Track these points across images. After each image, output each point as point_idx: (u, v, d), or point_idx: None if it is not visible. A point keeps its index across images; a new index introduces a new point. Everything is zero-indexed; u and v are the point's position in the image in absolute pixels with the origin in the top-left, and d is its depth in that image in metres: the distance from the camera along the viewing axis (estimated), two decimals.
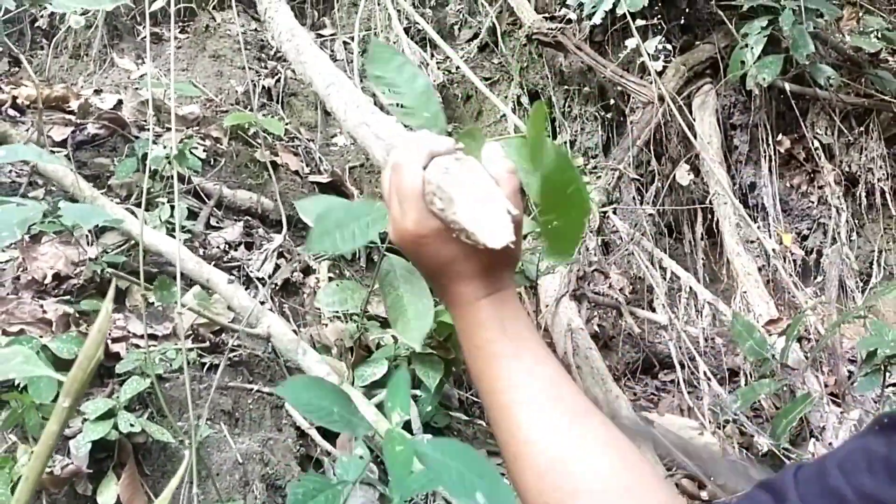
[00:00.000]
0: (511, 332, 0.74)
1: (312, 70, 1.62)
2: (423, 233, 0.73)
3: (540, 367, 0.73)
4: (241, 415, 1.81)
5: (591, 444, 0.69)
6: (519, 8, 3.73)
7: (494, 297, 0.75)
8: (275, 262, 2.35)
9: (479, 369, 0.74)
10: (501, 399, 0.72)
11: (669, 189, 3.24)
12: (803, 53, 2.97)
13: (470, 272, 0.74)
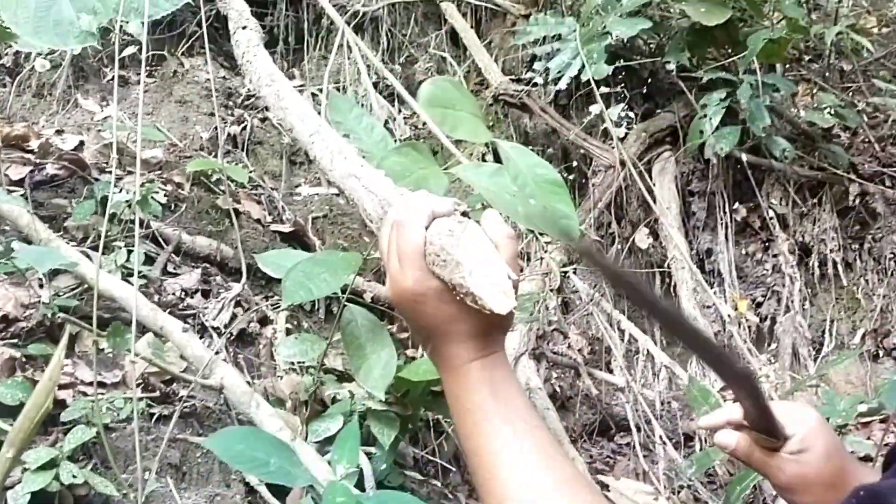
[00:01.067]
0: (502, 396, 0.74)
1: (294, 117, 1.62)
2: (422, 291, 0.74)
3: (530, 433, 0.73)
4: (189, 469, 1.75)
5: (578, 497, 0.69)
6: (487, 69, 3.80)
7: (486, 360, 0.75)
8: (232, 311, 2.31)
9: (467, 431, 0.74)
10: (489, 462, 0.72)
11: (629, 252, 3.28)
12: (760, 126, 3.06)
13: (465, 333, 0.74)
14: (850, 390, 2.82)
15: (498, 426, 0.73)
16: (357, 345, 1.97)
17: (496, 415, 0.73)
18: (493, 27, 4.40)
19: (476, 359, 0.75)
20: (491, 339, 0.76)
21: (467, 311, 0.73)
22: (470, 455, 0.75)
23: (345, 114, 1.80)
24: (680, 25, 3.35)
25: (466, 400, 0.74)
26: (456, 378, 0.75)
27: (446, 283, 0.73)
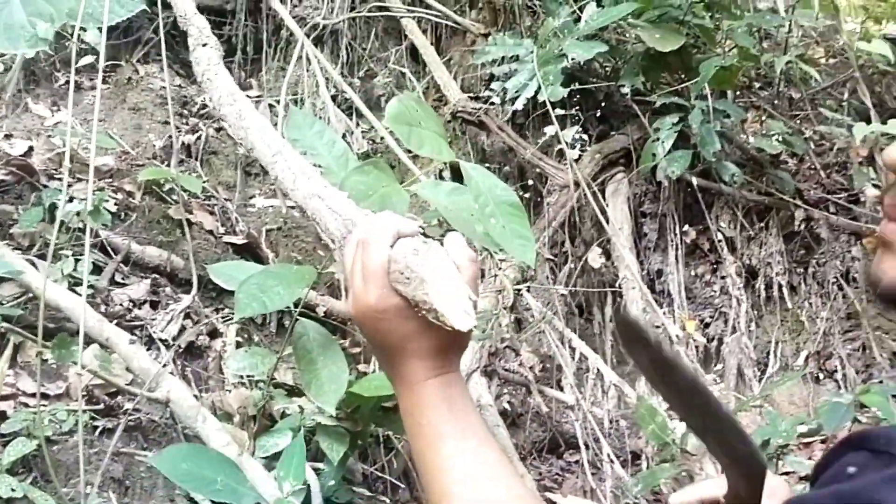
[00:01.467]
0: (456, 414, 0.75)
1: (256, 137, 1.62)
2: (384, 308, 0.75)
3: (483, 449, 0.74)
4: (133, 483, 1.72)
5: None
6: (446, 86, 3.83)
7: (443, 378, 0.76)
8: (181, 323, 2.28)
9: (421, 447, 0.76)
10: (443, 478, 0.73)
11: (581, 270, 3.32)
12: (710, 151, 3.13)
13: (423, 351, 0.76)
14: (792, 411, 2.89)
15: (452, 443, 0.74)
16: (309, 359, 1.95)
17: (451, 432, 0.75)
18: (452, 44, 4.43)
19: (433, 377, 0.77)
20: (448, 359, 0.78)
21: (427, 330, 0.75)
22: (424, 471, 0.76)
23: (304, 130, 1.80)
24: (635, 50, 3.42)
25: (422, 416, 0.76)
26: (412, 395, 0.77)
27: (408, 301, 0.75)
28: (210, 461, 1.26)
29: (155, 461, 1.23)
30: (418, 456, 0.77)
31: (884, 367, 3.01)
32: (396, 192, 1.63)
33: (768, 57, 3.48)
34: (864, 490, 0.53)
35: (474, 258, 0.78)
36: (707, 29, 3.42)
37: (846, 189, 3.40)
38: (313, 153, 1.84)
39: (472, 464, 0.74)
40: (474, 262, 0.78)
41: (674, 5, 3.33)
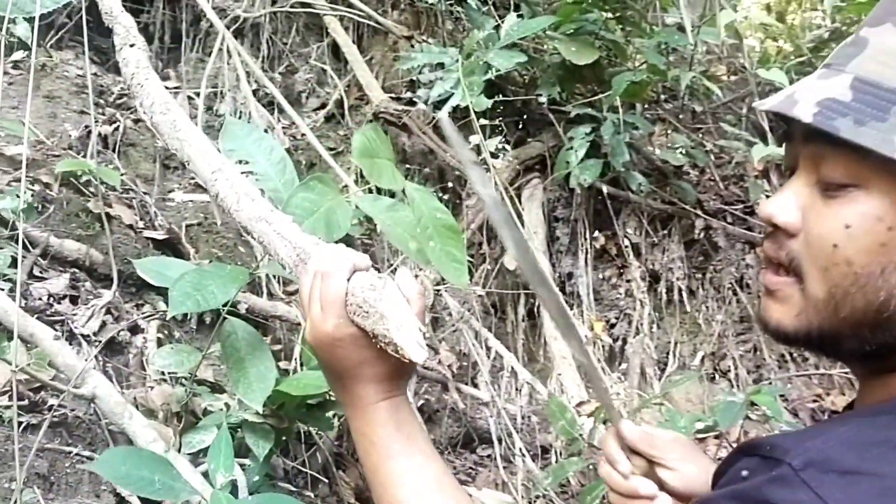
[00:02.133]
0: (405, 432, 0.83)
1: (193, 151, 1.63)
2: (341, 336, 0.82)
3: (429, 464, 0.83)
4: (58, 479, 1.72)
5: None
6: (368, 86, 3.87)
7: (392, 401, 0.84)
8: (102, 318, 2.26)
9: (373, 463, 0.83)
10: (394, 491, 0.81)
11: (497, 272, 3.44)
12: (620, 161, 3.30)
13: (375, 376, 0.83)
14: (689, 408, 3.09)
15: (402, 460, 0.82)
16: (237, 358, 1.99)
17: (400, 450, 0.83)
18: (374, 43, 4.47)
19: (383, 399, 0.84)
20: (397, 384, 0.86)
21: (379, 357, 0.82)
22: (376, 485, 0.84)
23: (241, 139, 1.83)
24: (552, 61, 3.55)
25: (373, 435, 0.83)
26: (364, 416, 0.84)
27: (363, 331, 0.82)
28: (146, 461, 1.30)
29: (95, 467, 1.25)
30: (371, 472, 0.84)
31: (773, 368, 3.26)
32: (340, 206, 1.70)
33: (675, 73, 3.68)
34: (754, 489, 0.60)
35: (422, 292, 0.85)
36: (619, 44, 3.59)
37: (742, 201, 3.65)
38: (252, 161, 1.88)
39: (420, 478, 0.82)
40: (422, 296, 0.84)
41: (589, 20, 3.48)
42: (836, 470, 0.56)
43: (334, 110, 4.10)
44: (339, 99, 4.12)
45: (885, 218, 0.63)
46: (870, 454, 0.57)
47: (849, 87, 0.65)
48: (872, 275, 0.64)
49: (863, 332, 0.67)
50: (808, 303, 0.69)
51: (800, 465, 0.56)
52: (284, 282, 2.99)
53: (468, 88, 2.78)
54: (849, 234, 0.65)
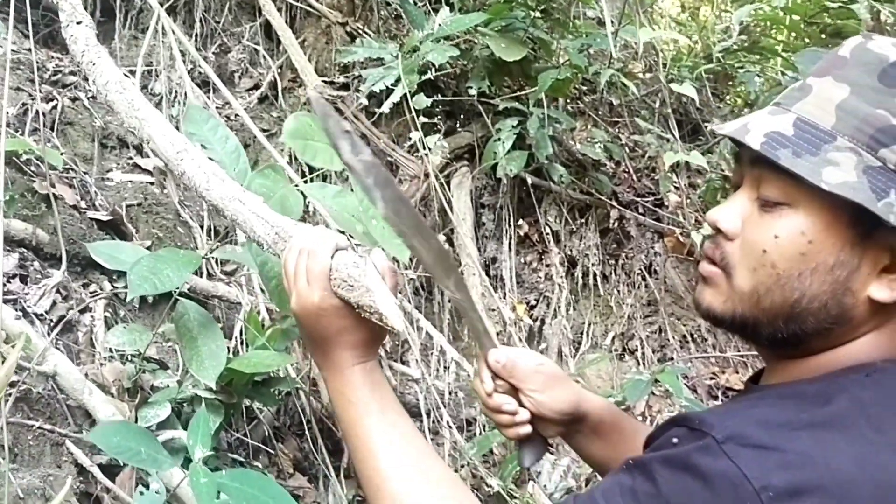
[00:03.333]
0: (378, 393, 0.95)
1: (154, 131, 1.72)
2: (325, 307, 0.92)
3: (401, 420, 0.95)
4: (21, 451, 1.82)
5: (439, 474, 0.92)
6: (303, 70, 3.96)
7: (367, 365, 0.96)
8: (52, 297, 2.34)
9: (351, 419, 0.93)
10: (370, 444, 0.92)
11: None
12: (543, 153, 3.53)
13: (353, 342, 0.94)
14: (601, 385, 3.36)
15: (376, 415, 0.93)
16: (189, 337, 2.11)
17: (375, 408, 0.93)
18: (306, 26, 4.54)
19: (359, 363, 0.95)
20: (371, 349, 0.97)
21: (356, 325, 0.93)
22: (352, 439, 0.94)
23: (200, 125, 1.95)
24: (482, 55, 3.74)
25: (351, 395, 0.93)
26: (342, 378, 0.94)
27: (346, 302, 0.92)
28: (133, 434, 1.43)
29: (91, 437, 1.38)
30: (348, 428, 0.94)
31: (675, 348, 3.57)
32: (292, 194, 1.84)
33: (595, 69, 3.92)
34: (683, 454, 0.72)
35: (394, 269, 0.96)
36: (546, 42, 3.80)
37: (653, 193, 3.94)
38: (209, 147, 1.99)
39: (393, 432, 0.92)
40: (395, 273, 0.95)
41: (518, 18, 3.67)
42: (750, 444, 0.70)
43: (268, 92, 4.18)
44: (272, 81, 4.19)
45: (807, 233, 0.78)
46: (776, 433, 0.71)
47: (792, 125, 0.80)
48: (791, 277, 0.80)
49: (777, 322, 0.82)
50: (735, 293, 0.84)
51: (722, 439, 0.70)
52: (222, 262, 3.10)
53: (409, 86, 2.93)
54: (777, 242, 0.80)
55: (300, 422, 2.74)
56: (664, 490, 0.71)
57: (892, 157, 0.77)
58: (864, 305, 0.80)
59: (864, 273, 0.79)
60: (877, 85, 0.78)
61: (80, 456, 1.90)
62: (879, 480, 0.68)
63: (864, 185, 0.76)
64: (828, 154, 0.77)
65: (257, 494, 1.35)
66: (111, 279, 2.63)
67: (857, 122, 0.78)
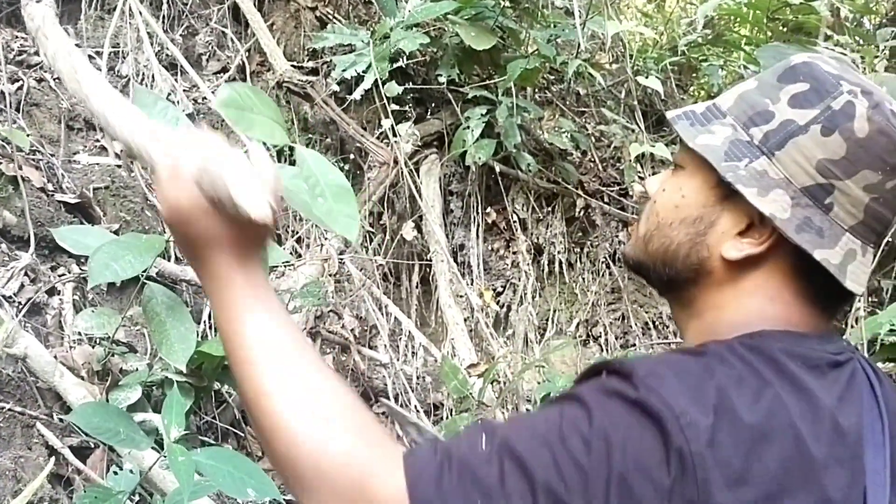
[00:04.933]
0: (263, 295, 0.88)
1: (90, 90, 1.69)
2: (191, 207, 0.85)
3: (286, 321, 0.88)
4: None
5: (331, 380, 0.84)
6: (272, 54, 3.95)
7: (248, 269, 0.88)
8: (21, 280, 2.33)
9: (233, 324, 0.86)
10: (255, 345, 0.84)
11: (393, 241, 3.66)
12: (512, 142, 3.57)
13: (228, 245, 0.87)
14: (564, 369, 3.43)
15: (262, 317, 0.85)
16: (158, 321, 2.12)
17: (258, 310, 0.86)
18: (276, 9, 4.52)
19: (239, 268, 0.87)
20: (250, 254, 0.88)
21: (230, 227, 0.85)
22: (235, 346, 0.85)
23: (150, 107, 1.94)
24: (452, 43, 3.76)
25: (231, 297, 0.86)
26: (220, 283, 0.87)
27: (212, 200, 0.85)
28: (111, 415, 1.44)
29: (72, 418, 1.39)
30: (229, 331, 0.86)
31: (637, 335, 3.65)
32: None
33: (563, 59, 3.97)
34: (608, 385, 0.78)
35: (276, 171, 0.88)
36: (515, 31, 3.84)
37: (618, 183, 4.01)
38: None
39: (278, 332, 0.85)
40: (276, 177, 0.87)
41: (487, 7, 3.70)
42: (666, 378, 0.77)
43: (236, 75, 4.15)
44: (240, 64, 4.17)
45: (683, 189, 0.92)
46: (682, 373, 0.79)
47: (705, 107, 0.94)
48: (665, 225, 0.93)
49: (658, 265, 0.95)
50: (637, 240, 0.98)
51: (643, 374, 0.77)
52: None
53: (381, 74, 2.95)
54: (662, 195, 0.94)
55: None
56: (594, 412, 0.75)
57: (757, 134, 0.88)
58: (718, 261, 0.90)
59: (720, 231, 0.90)
60: (774, 81, 0.90)
61: (52, 438, 1.91)
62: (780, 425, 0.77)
63: (721, 150, 0.88)
64: (711, 126, 0.91)
65: (232, 471, 1.38)
66: (79, 262, 2.62)
67: (745, 106, 0.91)
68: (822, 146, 0.85)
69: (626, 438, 0.73)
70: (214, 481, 1.38)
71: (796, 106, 0.87)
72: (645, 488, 0.72)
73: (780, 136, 0.87)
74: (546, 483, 0.72)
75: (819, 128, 0.85)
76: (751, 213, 0.87)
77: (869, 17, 4.33)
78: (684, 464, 0.72)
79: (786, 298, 0.89)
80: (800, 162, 0.86)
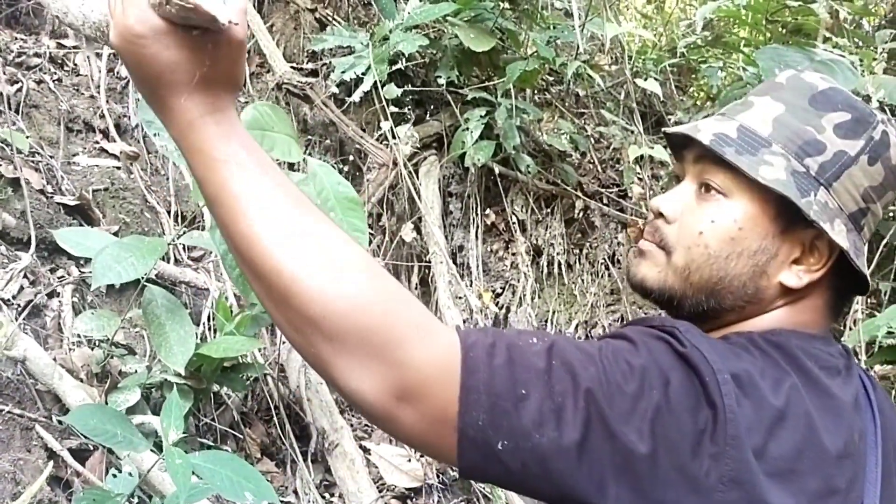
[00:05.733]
0: (251, 148, 0.76)
1: None
2: (143, 32, 0.71)
3: (284, 181, 0.77)
4: None
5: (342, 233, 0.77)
6: (272, 56, 3.95)
7: (222, 115, 0.76)
8: (20, 282, 2.34)
9: (221, 181, 0.75)
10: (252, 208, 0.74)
11: (392, 242, 3.66)
12: (511, 144, 3.58)
13: (189, 84, 0.73)
14: None
15: (257, 174, 0.75)
16: (158, 323, 2.13)
17: (252, 163, 0.75)
18: (275, 10, 4.53)
19: (211, 113, 0.75)
20: (221, 97, 0.76)
21: (193, 59, 0.73)
22: (226, 203, 0.75)
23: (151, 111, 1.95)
24: (452, 45, 3.76)
25: (216, 151, 0.74)
26: (195, 132, 0.75)
27: (172, 23, 0.71)
28: (109, 417, 1.45)
29: (70, 419, 1.40)
30: (218, 190, 0.75)
31: None
32: None
33: (562, 60, 3.97)
34: (653, 331, 0.82)
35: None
36: (514, 33, 3.84)
37: (617, 184, 4.01)
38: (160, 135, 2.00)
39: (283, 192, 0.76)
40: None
41: (487, 9, 3.71)
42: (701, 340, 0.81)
43: None
44: None
45: (738, 220, 0.91)
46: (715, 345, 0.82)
47: (736, 129, 0.93)
48: (720, 257, 0.92)
49: (700, 296, 0.94)
50: (669, 267, 0.95)
51: (684, 330, 0.81)
52: (189, 248, 3.10)
53: (379, 76, 2.96)
54: (713, 226, 0.93)
55: (268, 407, 2.77)
56: (640, 348, 0.79)
57: (813, 166, 0.90)
58: (775, 289, 0.93)
59: (780, 261, 0.92)
60: (807, 106, 0.92)
61: (51, 440, 1.91)
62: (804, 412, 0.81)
63: (792, 184, 0.88)
64: (764, 156, 0.90)
65: (230, 475, 1.39)
66: (78, 264, 2.62)
67: (789, 134, 0.91)
68: (869, 175, 0.91)
69: (667, 378, 0.76)
70: (212, 485, 1.39)
71: (845, 136, 0.90)
72: (673, 428, 0.74)
73: (836, 167, 0.90)
74: (588, 389, 0.74)
75: (867, 158, 0.90)
76: (804, 240, 0.91)
77: (868, 19, 4.34)
78: (717, 418, 0.75)
79: (819, 309, 0.95)
80: (850, 191, 0.90)
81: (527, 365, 0.75)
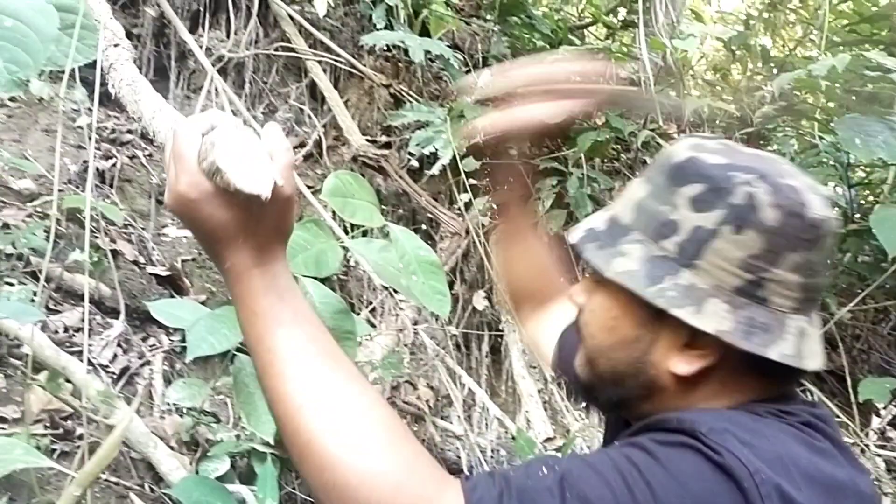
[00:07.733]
0: (289, 302, 0.80)
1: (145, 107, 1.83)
2: (195, 196, 0.76)
3: (320, 335, 0.80)
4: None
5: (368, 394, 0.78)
6: (348, 130, 4.10)
7: (268, 268, 0.80)
8: (114, 350, 2.43)
9: (258, 335, 0.79)
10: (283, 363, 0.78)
11: (464, 311, 3.68)
12: (583, 213, 3.60)
13: (243, 239, 0.78)
14: None
15: (289, 329, 0.78)
16: (247, 392, 2.18)
17: (286, 319, 0.79)
18: (350, 86, 4.70)
19: (257, 266, 0.79)
20: (270, 248, 0.80)
21: (242, 217, 0.77)
22: (261, 357, 0.79)
23: None
24: None
25: (255, 304, 0.79)
26: (241, 284, 0.79)
27: (219, 188, 0.75)
28: (210, 489, 1.49)
29: (175, 492, 1.45)
30: (256, 343, 0.79)
31: None
32: (331, 248, 1.90)
33: (632, 129, 4.01)
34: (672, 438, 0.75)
35: (289, 147, 0.80)
36: None
37: None
38: None
39: (313, 348, 0.79)
40: (288, 151, 0.79)
41: None
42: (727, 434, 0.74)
43: (313, 150, 4.31)
44: (317, 139, 4.33)
45: (612, 310, 0.89)
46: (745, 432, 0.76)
47: (604, 221, 0.91)
48: (605, 347, 0.90)
49: (608, 387, 0.92)
50: (583, 361, 0.94)
51: (706, 430, 0.75)
52: None
53: (458, 151, 3.03)
54: (594, 316, 0.92)
55: None
56: (661, 460, 0.74)
57: (671, 247, 0.85)
58: (669, 377, 0.87)
59: (664, 347, 0.86)
60: (665, 183, 0.86)
61: None
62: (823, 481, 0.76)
63: (641, 273, 0.84)
64: (622, 246, 0.87)
65: None
66: (168, 332, 2.71)
67: (647, 218, 0.87)
68: (739, 245, 0.82)
69: (697, 491, 0.72)
70: None
71: (699, 210, 0.83)
72: None
73: (694, 245, 0.83)
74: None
75: (729, 228, 0.82)
76: (688, 325, 0.83)
77: None
78: None
79: (750, 385, 0.87)
80: (722, 266, 0.82)
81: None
